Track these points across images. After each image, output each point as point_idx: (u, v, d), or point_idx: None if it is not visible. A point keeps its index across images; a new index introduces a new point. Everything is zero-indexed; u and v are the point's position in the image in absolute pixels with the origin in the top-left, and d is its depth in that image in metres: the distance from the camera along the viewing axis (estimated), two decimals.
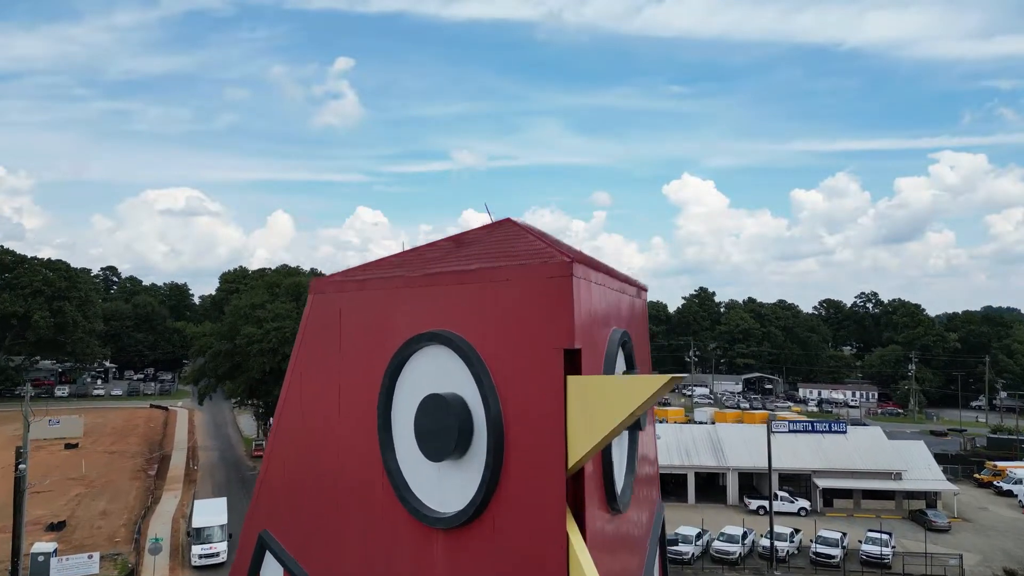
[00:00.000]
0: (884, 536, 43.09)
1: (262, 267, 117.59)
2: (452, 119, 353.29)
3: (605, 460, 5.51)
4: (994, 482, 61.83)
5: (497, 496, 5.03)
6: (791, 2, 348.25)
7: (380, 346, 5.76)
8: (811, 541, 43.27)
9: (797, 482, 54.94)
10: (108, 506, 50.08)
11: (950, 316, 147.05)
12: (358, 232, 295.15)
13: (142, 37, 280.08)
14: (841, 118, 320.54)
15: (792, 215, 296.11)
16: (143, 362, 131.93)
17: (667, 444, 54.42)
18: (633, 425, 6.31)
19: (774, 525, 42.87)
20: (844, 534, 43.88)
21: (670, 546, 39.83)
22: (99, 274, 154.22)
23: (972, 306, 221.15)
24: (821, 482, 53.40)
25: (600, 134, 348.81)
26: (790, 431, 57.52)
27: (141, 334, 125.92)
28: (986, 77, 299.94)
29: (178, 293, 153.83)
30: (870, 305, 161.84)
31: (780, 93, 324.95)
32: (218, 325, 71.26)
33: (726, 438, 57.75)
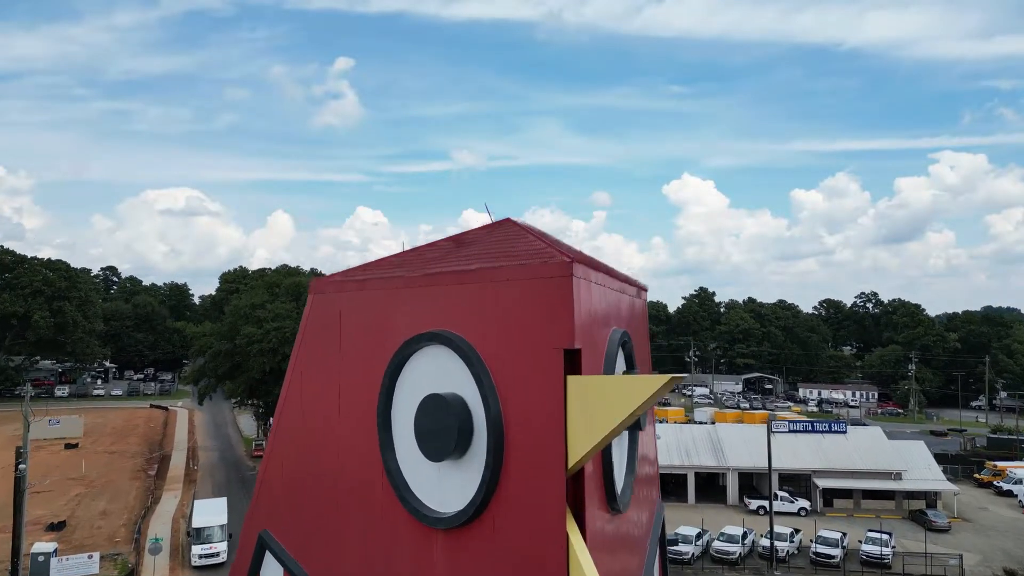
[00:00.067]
0: (884, 536, 43.08)
1: (262, 267, 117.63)
2: (452, 119, 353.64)
3: (605, 460, 5.51)
4: (994, 482, 61.82)
5: (497, 496, 5.02)
6: (791, 2, 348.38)
7: (380, 346, 5.75)
8: (811, 541, 43.27)
9: (797, 482, 54.93)
10: (108, 506, 50.07)
11: (950, 316, 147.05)
12: (358, 232, 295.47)
13: (142, 37, 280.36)
14: (841, 118, 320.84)
15: (792, 215, 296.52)
16: (143, 362, 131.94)
17: (667, 444, 54.41)
18: (633, 425, 6.31)
19: (774, 525, 42.89)
20: (844, 534, 43.88)
21: (670, 546, 39.83)
22: (99, 274, 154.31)
23: (972, 306, 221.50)
24: (821, 482, 53.39)
25: (600, 134, 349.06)
26: (790, 431, 57.51)
27: (141, 334, 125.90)
28: (986, 77, 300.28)
29: (178, 293, 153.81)
30: (870, 305, 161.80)
31: (780, 93, 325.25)
32: (218, 325, 71.26)
33: (726, 438, 57.73)
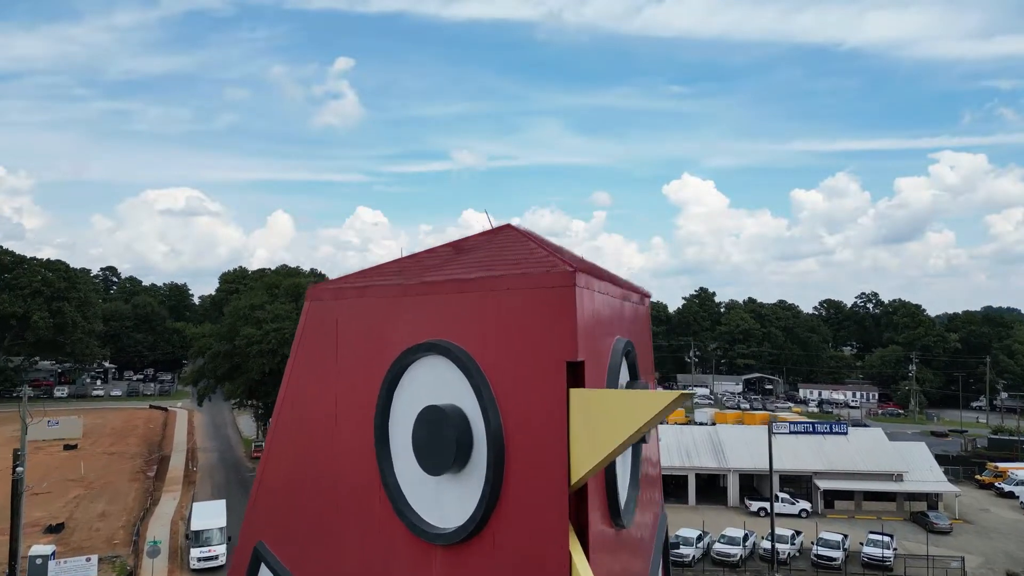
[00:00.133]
0: (885, 538, 42.99)
1: (262, 267, 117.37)
2: (452, 119, 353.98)
3: (608, 475, 5.38)
4: (995, 483, 61.75)
5: (497, 512, 4.89)
6: (791, 2, 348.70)
7: (377, 356, 5.62)
8: (812, 543, 43.21)
9: (798, 483, 54.84)
10: (107, 508, 49.96)
11: (950, 316, 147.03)
12: (358, 232, 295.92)
13: (142, 37, 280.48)
14: (841, 118, 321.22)
15: (792, 215, 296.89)
16: (142, 363, 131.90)
17: (667, 445, 54.32)
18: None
19: (775, 527, 42.77)
20: (845, 536, 43.81)
21: (671, 548, 39.70)
22: (99, 274, 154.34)
23: (972, 306, 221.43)
24: (822, 483, 53.29)
25: (600, 134, 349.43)
26: (791, 432, 57.43)
27: (141, 334, 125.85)
28: (986, 77, 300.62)
29: (178, 293, 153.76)
30: (870, 305, 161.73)
31: (780, 93, 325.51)
32: (218, 326, 71.19)
33: (727, 439, 57.64)
